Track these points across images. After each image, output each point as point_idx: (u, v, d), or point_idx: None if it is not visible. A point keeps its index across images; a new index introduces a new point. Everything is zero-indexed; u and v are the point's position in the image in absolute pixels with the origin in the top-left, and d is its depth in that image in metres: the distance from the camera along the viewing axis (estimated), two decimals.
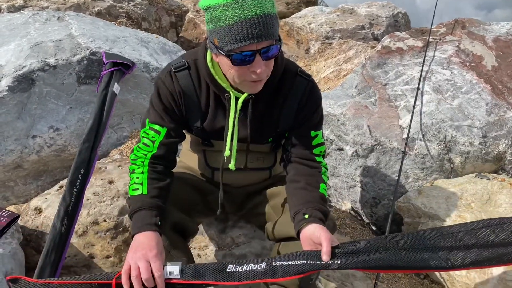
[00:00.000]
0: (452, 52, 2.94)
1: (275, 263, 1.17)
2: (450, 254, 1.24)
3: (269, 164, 1.64)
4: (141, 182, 1.38)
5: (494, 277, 1.80)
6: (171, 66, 1.42)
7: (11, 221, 1.71)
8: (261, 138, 1.50)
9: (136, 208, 1.33)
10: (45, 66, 2.26)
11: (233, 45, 1.16)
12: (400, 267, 1.22)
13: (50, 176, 2.38)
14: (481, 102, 2.59)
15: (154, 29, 4.21)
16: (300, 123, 1.47)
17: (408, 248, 1.22)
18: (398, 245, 1.22)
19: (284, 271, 1.16)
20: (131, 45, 2.69)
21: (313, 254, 1.18)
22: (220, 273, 1.18)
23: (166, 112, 1.43)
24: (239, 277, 1.17)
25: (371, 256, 1.18)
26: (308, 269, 1.16)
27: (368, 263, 1.18)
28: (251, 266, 1.18)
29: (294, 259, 1.17)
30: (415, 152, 2.47)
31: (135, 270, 1.16)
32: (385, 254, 1.19)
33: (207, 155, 1.60)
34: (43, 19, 2.67)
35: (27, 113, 2.22)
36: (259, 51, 1.17)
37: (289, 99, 1.44)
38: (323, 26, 5.15)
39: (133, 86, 2.52)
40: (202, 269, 1.19)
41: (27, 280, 1.16)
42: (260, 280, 1.18)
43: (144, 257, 1.18)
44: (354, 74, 3.01)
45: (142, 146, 1.44)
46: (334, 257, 1.16)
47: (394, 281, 2.12)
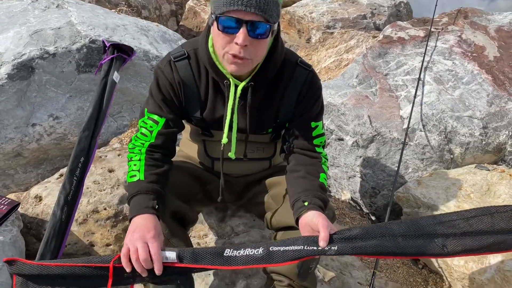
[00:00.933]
0: (454, 42, 2.92)
1: (272, 248, 1.18)
2: (447, 241, 1.25)
3: (269, 155, 1.65)
4: (138, 169, 1.38)
5: (492, 267, 1.81)
6: (171, 56, 1.42)
7: (11, 208, 1.71)
8: (260, 129, 1.50)
9: (134, 192, 1.33)
10: (44, 54, 2.24)
11: (222, 8, 1.17)
12: (397, 254, 1.23)
13: (50, 165, 2.39)
14: (482, 92, 2.58)
15: (154, 17, 4.19)
16: (300, 114, 1.47)
17: (405, 235, 1.23)
18: (395, 232, 1.22)
19: (281, 257, 1.17)
20: (131, 33, 2.67)
21: (310, 240, 1.18)
22: (218, 258, 1.18)
23: (165, 102, 1.43)
24: (237, 262, 1.17)
25: (368, 242, 1.19)
26: (305, 254, 1.16)
27: (365, 249, 1.18)
28: (248, 251, 1.18)
29: (291, 245, 1.18)
30: (415, 143, 2.47)
31: (134, 253, 1.16)
32: (382, 240, 1.20)
33: (207, 145, 1.60)
34: (42, 7, 2.65)
35: (27, 101, 2.21)
36: (246, 22, 1.17)
37: (289, 90, 1.44)
38: (325, 15, 5.11)
39: (133, 75, 2.51)
40: (199, 253, 1.19)
41: (23, 262, 1.15)
42: (257, 265, 1.18)
43: (141, 239, 1.18)
44: (355, 64, 3.00)
45: (140, 136, 1.44)
46: (331, 243, 1.16)
47: (392, 271, 2.13)
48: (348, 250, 1.18)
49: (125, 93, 2.50)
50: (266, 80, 1.38)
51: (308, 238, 1.19)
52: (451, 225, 1.28)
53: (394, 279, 2.08)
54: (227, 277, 1.78)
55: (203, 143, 1.61)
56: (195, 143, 1.67)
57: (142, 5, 4.03)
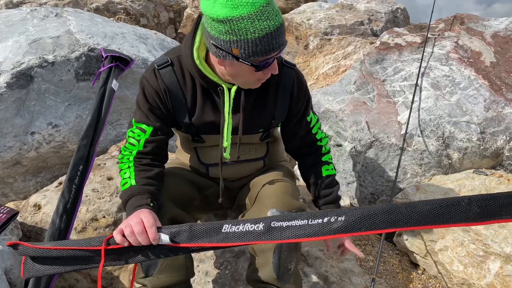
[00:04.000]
0: (451, 48, 2.94)
1: (273, 223, 1.12)
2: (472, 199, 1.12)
3: (262, 154, 1.66)
4: (129, 176, 1.39)
5: (491, 272, 1.82)
6: (155, 64, 1.44)
7: (10, 217, 1.71)
8: (253, 128, 1.52)
9: (127, 197, 1.34)
10: (43, 62, 2.25)
11: (262, 56, 1.20)
12: (413, 224, 1.11)
13: (49, 173, 2.39)
14: (479, 98, 2.59)
15: (153, 25, 4.20)
16: (295, 114, 1.54)
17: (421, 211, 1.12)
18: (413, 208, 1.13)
19: (283, 233, 1.11)
20: (130, 41, 2.69)
21: (315, 214, 1.12)
22: (215, 234, 1.14)
23: (152, 111, 1.44)
24: (235, 238, 1.13)
25: (377, 217, 1.10)
26: (309, 230, 1.10)
27: (374, 224, 1.10)
28: (248, 226, 1.13)
29: (294, 220, 1.12)
30: (413, 148, 2.47)
31: (128, 227, 1.15)
32: (392, 214, 1.11)
33: (199, 152, 1.61)
34: (41, 16, 2.66)
35: (26, 110, 2.22)
36: (277, 55, 1.24)
37: (280, 89, 1.49)
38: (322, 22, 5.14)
39: (132, 83, 2.52)
40: (195, 231, 1.15)
41: (24, 245, 1.18)
42: (257, 242, 1.13)
43: (135, 217, 1.19)
44: (353, 70, 3.01)
45: (128, 146, 1.45)
46: (338, 214, 1.10)
47: (392, 277, 2.13)
48: (356, 224, 1.10)
49: (124, 101, 2.50)
50: None
51: (313, 213, 1.13)
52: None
53: (394, 285, 2.08)
54: (227, 284, 1.78)
55: (195, 150, 1.62)
56: (187, 152, 1.67)
57: (140, 13, 4.06)
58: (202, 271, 1.82)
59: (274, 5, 1.19)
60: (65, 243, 1.19)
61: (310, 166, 1.63)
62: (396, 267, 2.21)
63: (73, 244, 1.17)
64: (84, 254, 1.17)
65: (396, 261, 2.24)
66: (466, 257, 1.92)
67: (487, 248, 1.86)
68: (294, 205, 1.47)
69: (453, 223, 1.10)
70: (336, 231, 1.09)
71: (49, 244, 1.18)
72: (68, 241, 1.21)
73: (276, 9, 1.19)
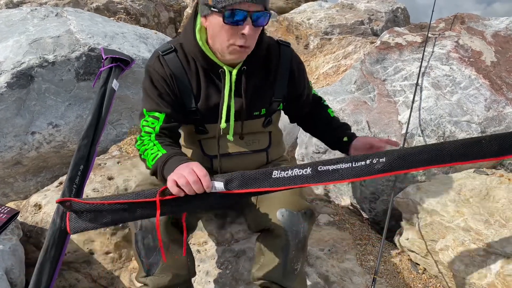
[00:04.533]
0: (451, 47, 2.94)
1: (320, 168, 1.18)
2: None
3: (265, 145, 1.66)
4: (158, 149, 1.36)
5: (492, 272, 1.82)
6: (159, 51, 1.46)
7: (11, 217, 1.71)
8: (255, 109, 1.54)
9: (164, 160, 1.30)
10: (43, 62, 2.25)
11: (228, 2, 1.22)
12: (442, 163, 1.25)
13: (49, 173, 2.39)
14: (480, 97, 2.59)
15: (153, 24, 4.20)
16: (297, 92, 1.64)
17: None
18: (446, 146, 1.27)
19: (331, 175, 1.18)
20: (130, 41, 2.69)
21: (357, 157, 1.19)
22: (265, 180, 1.18)
23: (161, 97, 1.45)
24: (285, 182, 1.17)
25: (414, 157, 1.21)
26: (354, 172, 1.17)
27: (415, 162, 1.20)
28: (297, 171, 1.18)
29: (338, 163, 1.19)
30: None
31: (182, 177, 1.13)
32: (424, 155, 1.23)
33: (203, 144, 1.61)
34: (42, 15, 2.66)
35: (26, 110, 2.22)
36: (251, 14, 1.25)
37: (281, 68, 1.54)
38: (322, 22, 5.14)
39: (132, 82, 2.52)
40: (246, 179, 1.19)
41: (74, 201, 1.16)
42: (307, 184, 1.18)
43: (186, 167, 1.17)
44: (353, 69, 3.01)
45: (144, 134, 1.45)
46: (378, 156, 1.18)
47: (392, 276, 2.13)
48: (396, 164, 1.18)
49: (124, 101, 2.50)
50: (257, 63, 1.47)
51: (355, 156, 1.20)
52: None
53: (395, 284, 2.08)
54: (228, 284, 1.78)
55: (199, 143, 1.62)
56: (190, 146, 1.68)
57: (140, 12, 4.05)
58: (203, 270, 1.82)
59: None
60: (118, 197, 1.18)
61: (317, 113, 1.78)
62: (397, 266, 2.21)
63: (126, 197, 1.16)
64: (136, 207, 1.16)
65: (397, 260, 2.24)
66: (467, 256, 1.92)
67: (488, 247, 1.86)
68: (303, 205, 1.47)
69: (476, 159, 1.27)
70: (379, 171, 1.19)
71: (101, 199, 1.17)
72: (121, 195, 1.20)
73: None
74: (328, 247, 2.05)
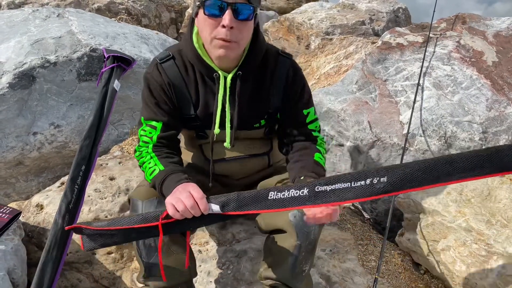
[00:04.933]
0: (453, 47, 2.93)
1: (317, 188, 1.14)
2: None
3: (266, 149, 1.65)
4: (155, 163, 1.40)
5: (493, 272, 1.81)
6: (157, 59, 1.46)
7: (13, 217, 1.72)
8: (252, 121, 1.52)
9: (162, 178, 1.34)
10: (45, 63, 2.26)
11: None
12: (451, 180, 1.11)
13: (51, 173, 2.39)
14: (481, 97, 2.58)
15: (154, 25, 4.21)
16: (290, 102, 1.52)
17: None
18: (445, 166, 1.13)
19: (328, 196, 1.13)
20: (131, 41, 2.69)
21: (356, 175, 1.13)
22: (262, 202, 1.17)
23: (159, 105, 1.46)
24: (282, 204, 1.16)
25: (418, 176, 1.10)
26: (353, 193, 1.11)
27: (416, 183, 1.10)
28: (293, 192, 1.15)
29: (336, 183, 1.13)
30: (416, 148, 2.47)
31: (180, 202, 1.18)
32: (431, 173, 1.10)
33: (204, 149, 1.61)
34: (43, 16, 2.67)
35: (28, 110, 2.22)
36: (231, 4, 1.24)
37: (276, 77, 1.49)
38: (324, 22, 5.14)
39: (134, 83, 2.53)
40: (243, 201, 1.19)
41: (83, 228, 1.28)
42: (303, 206, 1.15)
43: (184, 191, 1.21)
44: (355, 70, 3.01)
45: (142, 144, 1.48)
46: (379, 175, 1.10)
47: (394, 277, 2.12)
48: (399, 183, 1.10)
49: (126, 101, 2.51)
50: (252, 69, 1.44)
51: (353, 174, 1.14)
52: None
53: (396, 285, 2.08)
54: (229, 284, 1.78)
55: (199, 147, 1.62)
56: (191, 150, 1.68)
57: (142, 13, 4.06)
58: (205, 271, 1.82)
59: None
60: (122, 221, 1.25)
61: (301, 148, 1.52)
62: (399, 267, 2.21)
63: (130, 223, 1.24)
64: (141, 230, 1.24)
65: (399, 261, 2.23)
66: (469, 257, 1.92)
67: (490, 248, 1.86)
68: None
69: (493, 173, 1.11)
70: (380, 192, 1.11)
71: (106, 224, 1.26)
72: (125, 218, 1.27)
73: None
74: (329, 247, 2.05)
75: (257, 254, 1.88)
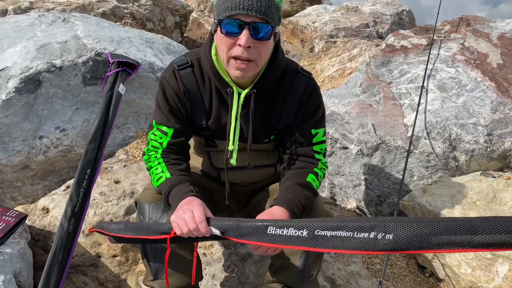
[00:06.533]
0: (457, 49, 2.93)
1: (317, 232, 1.11)
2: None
3: (274, 161, 1.65)
4: (162, 170, 1.42)
5: (499, 275, 1.81)
6: (175, 65, 1.45)
7: (19, 221, 1.73)
8: (262, 136, 1.51)
9: (168, 188, 1.37)
10: (51, 67, 2.28)
11: (224, 13, 1.22)
12: (469, 247, 0.99)
13: (57, 176, 2.41)
14: (486, 99, 2.58)
15: (159, 29, 4.23)
16: (300, 121, 1.49)
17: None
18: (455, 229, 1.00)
19: (327, 243, 1.09)
20: (136, 45, 2.70)
21: (361, 225, 1.06)
22: (261, 236, 1.18)
23: (172, 112, 1.45)
24: (281, 241, 1.15)
25: (429, 239, 0.99)
26: (354, 244, 1.05)
27: (425, 246, 1.00)
28: (292, 231, 1.13)
29: (339, 230, 1.08)
30: (420, 151, 2.47)
31: (184, 225, 1.22)
32: (446, 237, 0.99)
33: (212, 156, 1.62)
34: (49, 21, 2.69)
35: (34, 114, 2.24)
36: (248, 24, 1.22)
37: (290, 96, 1.46)
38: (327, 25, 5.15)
39: (138, 87, 2.54)
40: (242, 230, 1.20)
41: (103, 233, 1.42)
42: (303, 247, 1.13)
43: (188, 211, 1.24)
44: (359, 72, 3.01)
45: (151, 148, 1.48)
46: (384, 231, 1.03)
47: (399, 279, 2.12)
48: (405, 244, 1.01)
49: (131, 105, 2.52)
50: (268, 87, 1.42)
51: (359, 224, 1.07)
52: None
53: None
54: (234, 287, 1.78)
55: (207, 154, 1.63)
56: (200, 156, 1.68)
57: (146, 17, 4.08)
58: (210, 274, 1.83)
59: None
60: (136, 228, 1.35)
61: (298, 167, 1.49)
62: (404, 270, 2.20)
63: (142, 232, 1.33)
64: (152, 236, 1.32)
65: (404, 264, 2.23)
66: (474, 260, 1.91)
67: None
68: (326, 214, 1.47)
69: None
70: (382, 249, 1.04)
71: (123, 228, 1.37)
72: (138, 225, 1.38)
73: None
74: None
75: (261, 257, 1.88)
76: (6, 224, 1.69)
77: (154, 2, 4.31)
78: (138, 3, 4.10)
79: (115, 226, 1.40)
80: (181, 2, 4.75)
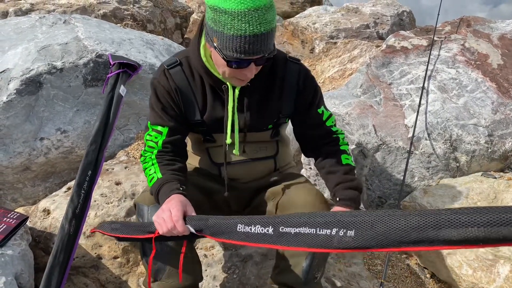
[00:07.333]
0: (457, 50, 2.93)
1: (282, 228, 1.11)
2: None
3: (272, 153, 1.65)
4: (154, 171, 1.44)
5: (500, 276, 1.80)
6: (164, 65, 1.48)
7: (20, 222, 1.73)
8: (260, 125, 1.54)
9: (157, 187, 1.39)
10: (52, 69, 2.28)
11: (232, 54, 1.22)
12: (435, 245, 0.93)
13: (58, 178, 2.41)
14: (487, 100, 2.58)
15: (159, 30, 4.23)
16: (304, 106, 1.54)
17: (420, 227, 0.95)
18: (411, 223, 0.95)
19: (291, 240, 1.09)
20: (137, 47, 2.71)
21: (323, 221, 1.05)
22: (232, 233, 1.19)
23: (165, 111, 1.48)
24: (250, 239, 1.17)
25: (390, 237, 0.97)
26: (316, 241, 1.04)
27: (387, 244, 0.97)
28: (259, 229, 1.14)
29: (301, 226, 1.07)
30: (421, 151, 2.47)
31: (163, 223, 1.25)
32: (411, 234, 0.94)
33: (211, 152, 1.62)
34: (50, 23, 2.69)
35: (35, 116, 2.24)
36: (255, 60, 1.26)
37: (286, 84, 1.51)
38: (328, 26, 5.15)
39: (139, 88, 2.54)
40: (214, 228, 1.23)
41: (101, 233, 1.50)
42: (269, 246, 1.14)
43: (166, 210, 1.26)
44: (359, 73, 3.01)
45: (148, 149, 1.51)
46: (346, 227, 1.00)
47: (400, 281, 2.12)
48: (368, 240, 0.98)
49: (132, 106, 2.52)
50: (261, 79, 1.45)
51: (321, 219, 1.05)
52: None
53: None
54: None
55: (206, 151, 1.63)
56: (198, 154, 1.68)
57: (147, 19, 4.09)
58: (210, 275, 1.83)
59: (267, 14, 1.19)
60: (130, 230, 1.42)
61: (327, 154, 1.56)
62: (405, 271, 2.20)
63: (135, 233, 1.39)
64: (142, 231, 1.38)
65: (405, 264, 2.23)
66: (475, 261, 1.91)
67: (496, 251, 1.85)
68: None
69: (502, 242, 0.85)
70: (342, 247, 1.02)
71: (120, 227, 1.46)
72: (132, 225, 1.48)
73: (267, 18, 1.19)
74: None
75: (262, 259, 1.88)
76: (7, 226, 1.69)
77: (155, 3, 4.31)
78: (138, 4, 4.11)
79: (114, 226, 1.46)
80: (181, 4, 4.76)
